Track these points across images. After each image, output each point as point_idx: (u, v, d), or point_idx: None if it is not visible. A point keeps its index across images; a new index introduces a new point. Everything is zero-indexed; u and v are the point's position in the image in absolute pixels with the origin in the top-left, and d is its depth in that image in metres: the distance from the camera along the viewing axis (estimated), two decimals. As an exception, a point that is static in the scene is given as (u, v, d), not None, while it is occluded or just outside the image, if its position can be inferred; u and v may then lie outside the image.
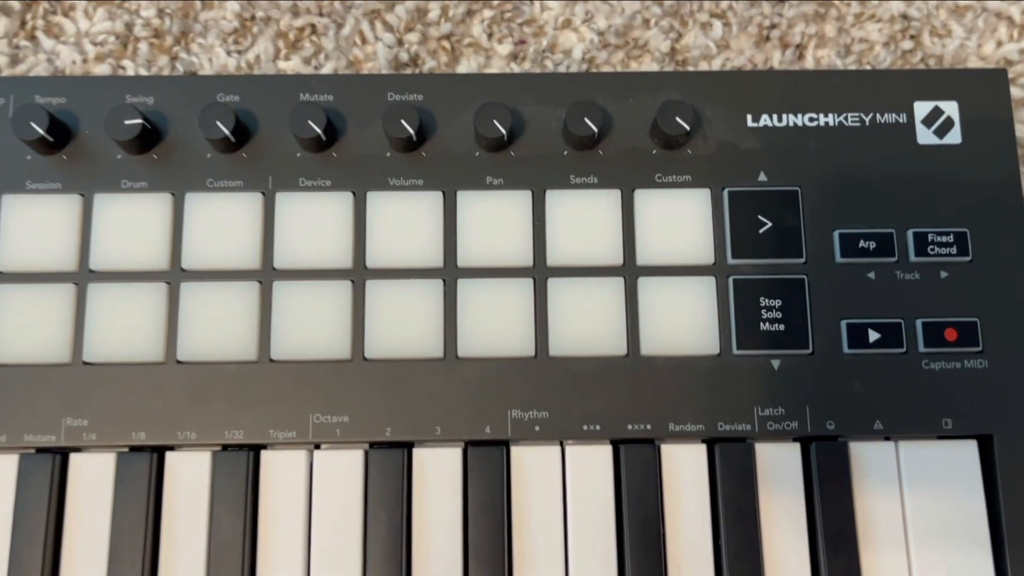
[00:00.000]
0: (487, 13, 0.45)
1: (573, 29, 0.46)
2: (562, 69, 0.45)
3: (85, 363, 0.37)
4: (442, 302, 0.38)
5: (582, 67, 0.45)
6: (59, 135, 0.38)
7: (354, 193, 0.38)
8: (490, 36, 0.46)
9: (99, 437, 0.37)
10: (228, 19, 0.45)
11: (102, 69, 0.45)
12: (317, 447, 0.37)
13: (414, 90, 0.39)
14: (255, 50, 0.45)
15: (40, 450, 0.37)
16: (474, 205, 0.38)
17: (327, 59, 0.45)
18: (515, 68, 0.45)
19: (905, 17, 0.46)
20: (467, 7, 0.45)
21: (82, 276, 0.38)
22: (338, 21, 0.46)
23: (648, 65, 0.45)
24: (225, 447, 0.37)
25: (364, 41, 0.45)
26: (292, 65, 0.45)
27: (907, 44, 0.45)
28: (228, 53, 0.45)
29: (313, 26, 0.46)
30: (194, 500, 0.36)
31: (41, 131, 0.37)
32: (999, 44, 0.45)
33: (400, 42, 0.45)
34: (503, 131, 0.38)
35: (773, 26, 0.46)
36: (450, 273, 0.38)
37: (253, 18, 0.46)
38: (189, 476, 0.37)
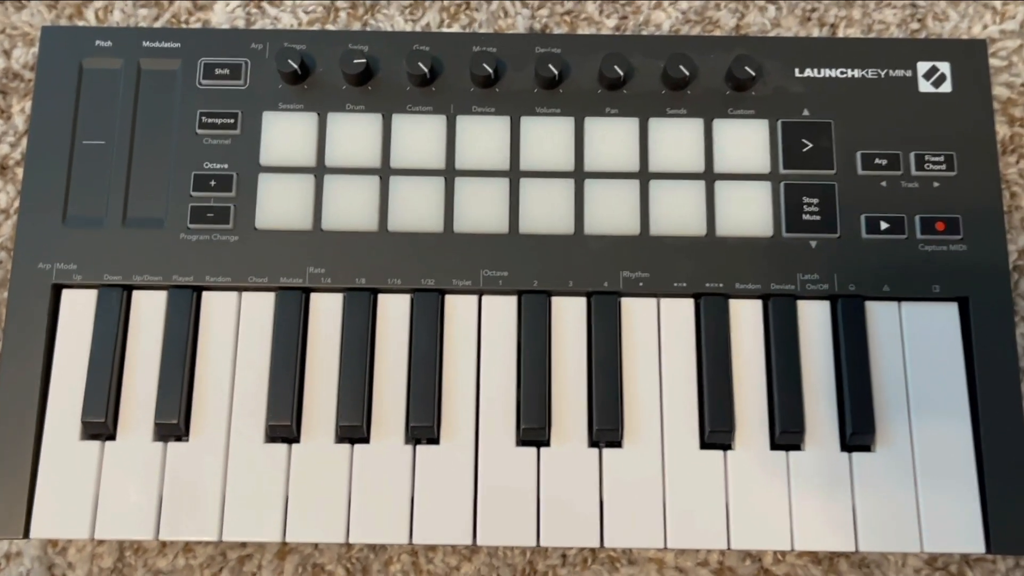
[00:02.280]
0: (597, -4, 0.61)
1: (662, 9, 0.61)
2: (654, 38, 0.60)
3: (322, 230, 0.52)
4: (573, 195, 0.53)
5: (669, 37, 0.60)
6: (303, 70, 0.54)
7: (511, 117, 0.54)
8: (600, 12, 0.61)
9: (332, 280, 0.52)
10: (405, -4, 0.61)
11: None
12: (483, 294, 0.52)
13: (555, 45, 0.54)
14: (425, 19, 0.61)
15: (290, 289, 0.52)
16: (598, 128, 0.53)
17: (480, 27, 0.60)
18: (619, 37, 0.60)
19: (914, 5, 0.60)
20: (583, -9, 0.60)
21: (320, 170, 0.53)
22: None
23: (721, 35, 0.60)
24: (421, 291, 0.52)
25: (506, 15, 0.61)
26: (454, 31, 0.60)
27: (915, 25, 0.60)
28: (405, 21, 0.61)
29: (468, 2, 0.61)
30: (399, 329, 0.51)
31: (295, 65, 0.53)
32: (985, 27, 0.60)
33: (533, 16, 0.60)
34: (620, 74, 0.53)
35: (813, 10, 0.61)
36: (579, 175, 0.53)
37: (422, -4, 0.61)
38: (394, 311, 0.52)
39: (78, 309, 0.52)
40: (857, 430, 0.49)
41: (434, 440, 0.50)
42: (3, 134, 0.59)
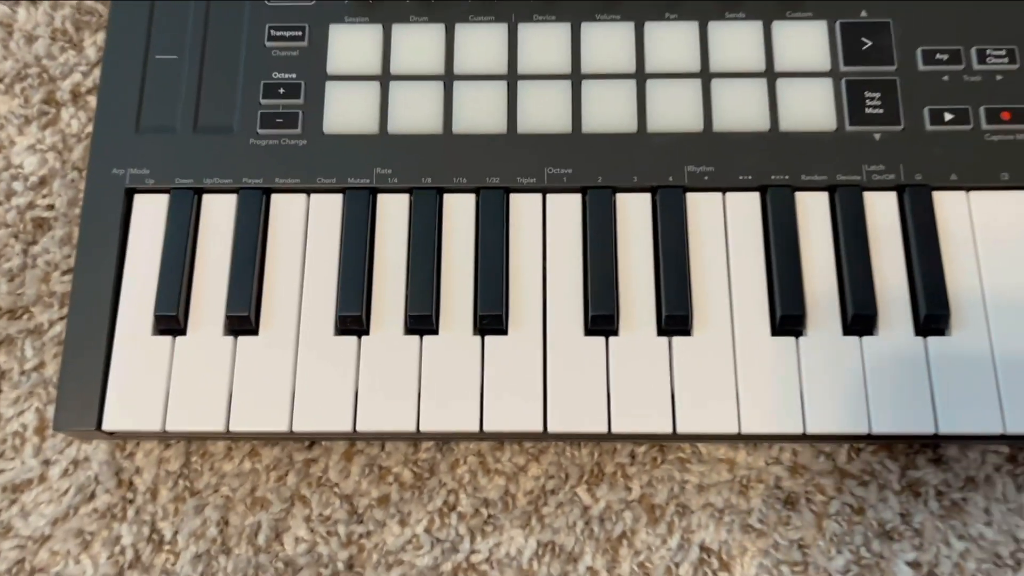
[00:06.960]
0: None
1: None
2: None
3: (388, 133, 0.53)
4: (635, 96, 0.53)
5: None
6: (369, -15, 0.55)
7: (571, 24, 0.55)
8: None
9: (399, 181, 0.52)
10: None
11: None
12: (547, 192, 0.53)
13: (614, -44, 0.56)
14: (482, -49, 0.62)
15: (357, 189, 0.53)
16: (658, 33, 0.54)
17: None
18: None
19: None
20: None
21: (385, 77, 0.54)
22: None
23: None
24: (486, 188, 0.52)
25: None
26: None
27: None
28: (462, -47, 0.62)
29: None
30: (465, 225, 0.52)
31: (361, -22, 0.54)
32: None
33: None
34: (681, -22, 0.54)
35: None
36: (640, 77, 0.54)
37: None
38: (460, 208, 0.52)
39: (151, 212, 0.52)
40: (932, 311, 0.48)
41: (502, 331, 0.50)
42: (76, 65, 0.61)
